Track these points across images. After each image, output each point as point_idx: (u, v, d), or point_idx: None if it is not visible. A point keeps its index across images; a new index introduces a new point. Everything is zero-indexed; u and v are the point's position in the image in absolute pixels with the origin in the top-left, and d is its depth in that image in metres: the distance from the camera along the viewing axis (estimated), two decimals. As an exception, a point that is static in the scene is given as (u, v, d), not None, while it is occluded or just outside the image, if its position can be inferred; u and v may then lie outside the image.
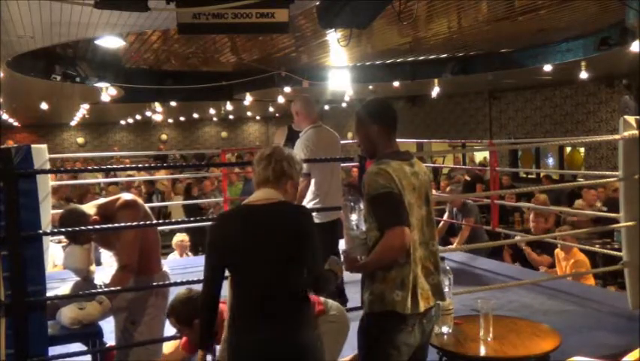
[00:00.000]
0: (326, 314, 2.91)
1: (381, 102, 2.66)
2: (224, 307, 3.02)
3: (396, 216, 2.34)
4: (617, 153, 4.59)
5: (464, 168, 13.34)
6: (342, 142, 5.02)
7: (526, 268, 6.25)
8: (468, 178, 11.28)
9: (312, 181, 4.32)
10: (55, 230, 5.69)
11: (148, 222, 3.27)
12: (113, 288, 3.11)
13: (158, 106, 15.52)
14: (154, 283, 3.24)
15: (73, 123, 22.54)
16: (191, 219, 8.51)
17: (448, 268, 3.04)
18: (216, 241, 2.28)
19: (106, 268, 3.82)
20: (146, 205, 3.40)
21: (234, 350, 2.23)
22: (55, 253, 6.48)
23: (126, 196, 3.28)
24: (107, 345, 3.35)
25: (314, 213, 2.91)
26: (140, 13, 4.19)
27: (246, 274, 2.25)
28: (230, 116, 24.08)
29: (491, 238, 6.70)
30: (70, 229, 3.17)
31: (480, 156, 16.00)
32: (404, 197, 2.38)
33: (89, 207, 3.19)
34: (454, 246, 6.46)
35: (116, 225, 3.10)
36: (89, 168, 7.95)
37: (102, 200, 3.37)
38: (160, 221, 6.23)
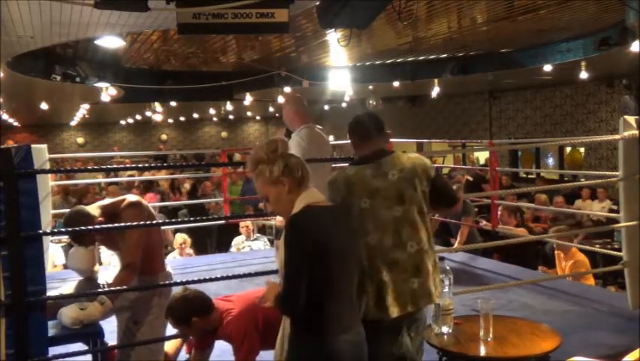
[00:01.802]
0: None
1: (355, 118, 2.70)
2: (223, 305, 3.02)
3: None
4: (617, 153, 4.59)
5: (464, 168, 13.35)
6: (341, 142, 5.04)
7: (526, 268, 6.25)
8: (470, 178, 11.29)
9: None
10: (56, 230, 5.72)
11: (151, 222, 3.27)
12: (115, 288, 3.11)
13: (158, 106, 15.52)
14: (157, 283, 3.25)
15: (73, 123, 22.57)
16: (192, 219, 8.53)
17: (448, 268, 3.04)
18: (306, 243, 2.11)
19: (109, 268, 3.82)
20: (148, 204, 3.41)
21: (321, 351, 2.13)
22: (55, 253, 6.49)
23: (130, 197, 3.29)
24: (108, 345, 3.36)
25: None
26: (140, 13, 4.18)
27: (333, 275, 2.16)
28: (230, 116, 24.09)
29: (490, 238, 6.70)
30: (71, 230, 3.18)
31: (483, 156, 16.00)
32: (353, 205, 2.40)
33: (94, 209, 3.19)
34: (454, 246, 6.47)
35: (121, 225, 3.10)
36: (89, 168, 7.95)
37: (107, 201, 3.37)
38: (163, 221, 6.22)
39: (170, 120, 24.70)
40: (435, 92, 12.49)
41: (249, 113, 23.71)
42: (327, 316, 2.14)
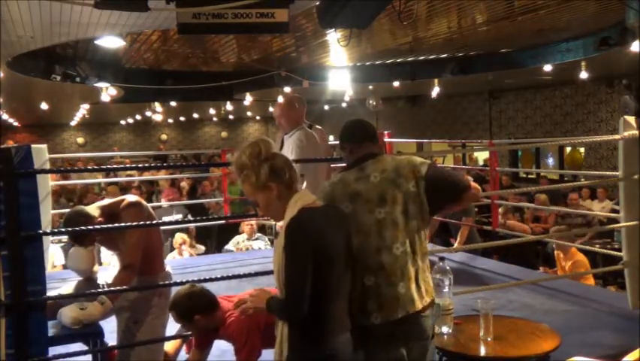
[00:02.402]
0: None
1: (344, 125, 2.65)
2: (226, 304, 3.02)
3: None
4: (617, 153, 4.59)
5: (465, 168, 13.35)
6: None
7: (526, 268, 6.26)
8: (471, 179, 11.29)
9: (305, 182, 4.35)
10: (56, 230, 5.72)
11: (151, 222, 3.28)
12: (115, 288, 3.11)
13: (158, 106, 15.53)
14: (157, 283, 3.25)
15: (73, 123, 22.56)
16: (191, 219, 8.54)
17: (448, 268, 3.04)
18: (307, 247, 2.07)
19: (109, 268, 3.82)
20: (148, 204, 3.41)
21: (321, 352, 2.11)
22: (55, 253, 6.49)
23: (130, 198, 3.29)
24: (108, 345, 3.36)
25: None
26: (140, 13, 4.19)
27: (331, 276, 2.14)
28: (230, 116, 24.09)
29: (490, 238, 6.71)
30: (71, 230, 3.18)
31: (482, 157, 16.00)
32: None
33: (93, 209, 3.19)
34: (454, 246, 6.47)
35: (121, 225, 3.11)
36: (89, 168, 7.94)
37: (106, 201, 3.37)
38: (162, 221, 6.22)
39: (170, 120, 24.70)
40: (435, 92, 12.49)
41: (249, 113, 23.71)
42: (325, 317, 2.13)
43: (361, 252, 2.31)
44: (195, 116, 23.57)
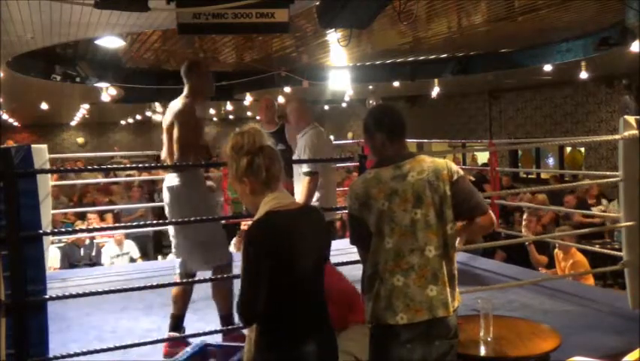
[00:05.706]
0: None
1: (378, 109, 2.65)
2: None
3: (352, 237, 2.45)
4: (617, 153, 4.59)
5: (465, 168, 13.35)
6: (342, 142, 5.11)
7: (526, 268, 6.25)
8: (472, 178, 11.29)
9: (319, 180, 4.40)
10: (56, 230, 5.72)
11: None
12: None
13: (158, 106, 15.51)
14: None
15: (73, 123, 22.58)
16: (192, 219, 8.52)
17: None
18: (262, 254, 2.02)
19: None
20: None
21: (289, 353, 2.09)
22: (55, 255, 6.49)
23: None
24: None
25: None
26: (140, 13, 4.19)
27: (297, 279, 2.11)
28: (230, 116, 24.07)
29: (490, 238, 6.69)
30: (71, 230, 3.18)
31: (483, 156, 15.97)
32: (372, 207, 2.34)
33: None
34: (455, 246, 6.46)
35: (127, 225, 3.11)
36: (89, 167, 7.93)
37: None
38: (160, 221, 6.22)
39: (171, 120, 24.66)
40: (435, 92, 12.49)
41: (248, 113, 23.69)
42: (292, 318, 2.10)
43: (393, 252, 2.31)
44: (195, 116, 23.54)
